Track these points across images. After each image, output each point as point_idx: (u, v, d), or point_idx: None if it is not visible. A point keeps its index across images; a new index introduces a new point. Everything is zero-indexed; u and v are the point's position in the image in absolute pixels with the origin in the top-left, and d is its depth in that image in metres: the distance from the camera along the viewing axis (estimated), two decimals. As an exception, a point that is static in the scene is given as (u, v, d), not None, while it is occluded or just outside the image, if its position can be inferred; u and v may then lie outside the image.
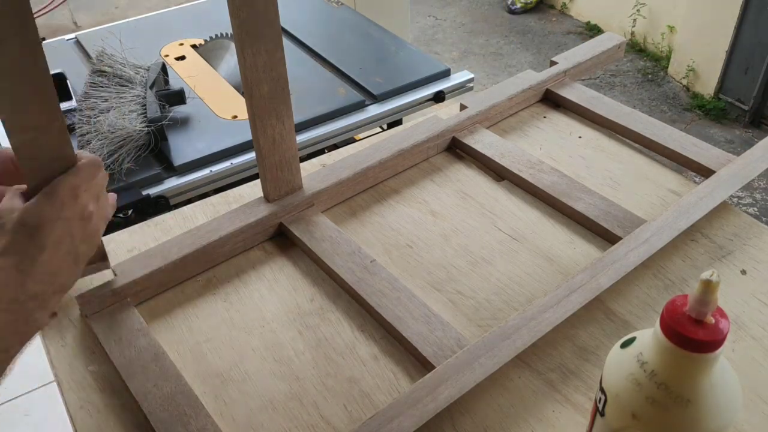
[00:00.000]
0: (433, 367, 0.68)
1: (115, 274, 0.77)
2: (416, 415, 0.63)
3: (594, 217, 0.87)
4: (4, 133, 1.18)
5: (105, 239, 0.84)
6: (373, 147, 0.97)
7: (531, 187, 0.93)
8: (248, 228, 0.84)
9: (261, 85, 0.78)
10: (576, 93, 1.10)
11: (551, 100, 1.12)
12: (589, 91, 1.11)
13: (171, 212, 0.92)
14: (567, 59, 1.15)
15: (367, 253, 0.82)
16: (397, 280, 0.78)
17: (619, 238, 0.82)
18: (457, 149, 1.03)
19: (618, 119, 1.04)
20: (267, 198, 0.88)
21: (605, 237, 0.86)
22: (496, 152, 0.98)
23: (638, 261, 0.79)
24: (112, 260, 0.78)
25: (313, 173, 0.93)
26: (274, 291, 0.81)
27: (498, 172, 0.98)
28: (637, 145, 1.05)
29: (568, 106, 1.10)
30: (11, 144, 0.60)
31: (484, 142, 1.00)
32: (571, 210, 0.89)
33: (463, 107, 1.06)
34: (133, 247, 0.86)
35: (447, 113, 1.07)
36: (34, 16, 0.56)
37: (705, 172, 0.94)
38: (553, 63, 1.16)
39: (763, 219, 2.49)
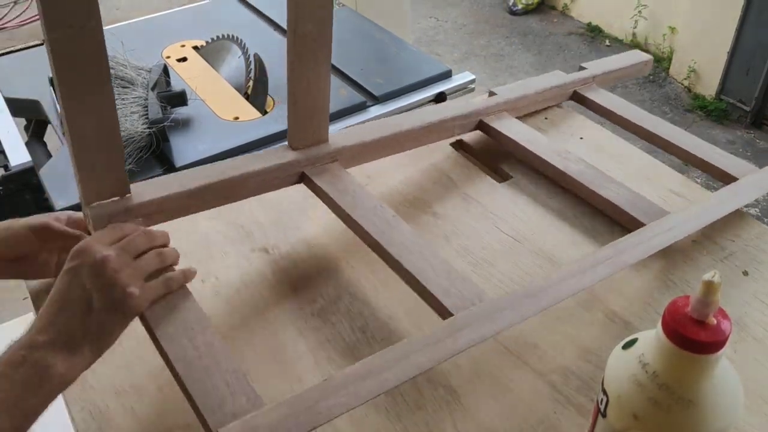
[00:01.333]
0: (452, 315, 0.67)
1: None
2: (434, 355, 0.62)
3: (621, 204, 0.87)
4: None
5: (151, 179, 0.83)
6: (402, 116, 0.98)
7: (559, 173, 0.94)
8: (270, 170, 0.83)
9: (305, 23, 0.77)
10: (603, 98, 1.12)
11: (578, 102, 1.13)
12: (616, 98, 1.12)
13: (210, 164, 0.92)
14: (596, 66, 1.18)
15: (388, 208, 0.81)
16: (419, 236, 0.78)
17: (643, 224, 0.83)
18: (481, 131, 1.03)
19: (642, 123, 1.05)
20: (292, 146, 0.87)
21: (630, 224, 0.86)
22: (524, 138, 0.99)
23: (662, 245, 0.79)
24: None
25: (340, 132, 0.93)
26: (275, 292, 0.81)
27: (524, 159, 0.99)
28: (637, 146, 1.05)
29: (595, 109, 1.11)
30: (47, 41, 0.58)
31: (511, 128, 1.01)
32: (598, 198, 0.90)
33: (491, 94, 1.07)
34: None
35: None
36: (37, 17, 0.55)
37: (728, 180, 0.94)
38: (581, 68, 1.18)
39: (765, 220, 2.48)
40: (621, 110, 1.08)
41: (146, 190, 0.77)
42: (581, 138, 1.06)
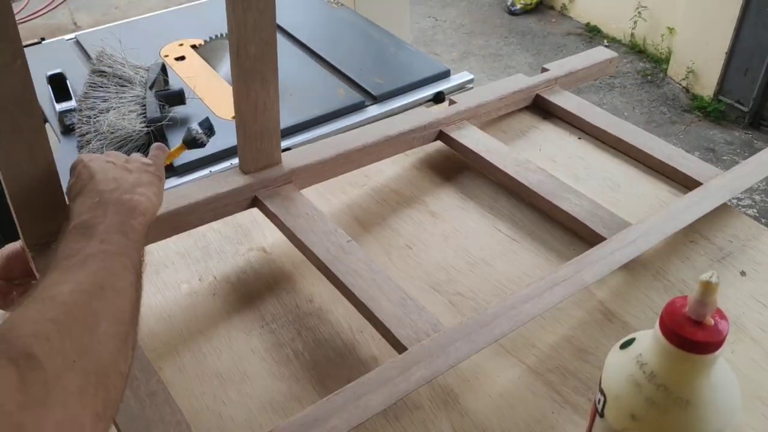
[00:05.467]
0: (405, 349, 0.66)
1: None
2: (385, 394, 0.61)
3: (580, 218, 0.85)
4: None
5: None
6: (359, 131, 0.96)
7: (517, 184, 0.91)
8: (220, 197, 0.81)
9: (248, 45, 0.75)
10: (566, 100, 1.10)
11: (540, 107, 1.11)
12: (579, 99, 1.10)
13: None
14: (559, 67, 1.15)
15: (344, 233, 0.79)
16: (374, 262, 0.75)
17: (604, 239, 0.81)
18: (442, 142, 1.01)
19: (608, 128, 1.03)
20: (243, 169, 0.85)
21: (590, 239, 0.84)
22: (483, 148, 0.97)
23: (624, 260, 0.77)
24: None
25: (294, 151, 0.90)
26: (273, 292, 0.81)
27: (482, 169, 0.97)
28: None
29: (557, 113, 1.09)
30: None
31: (470, 137, 0.99)
32: (557, 210, 0.87)
33: (452, 102, 1.05)
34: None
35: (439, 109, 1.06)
36: (35, 15, 0.55)
37: (692, 185, 0.92)
38: (544, 70, 1.15)
39: (763, 220, 2.49)
40: (584, 114, 1.06)
41: None
42: (579, 138, 1.06)
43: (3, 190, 0.65)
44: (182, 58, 1.57)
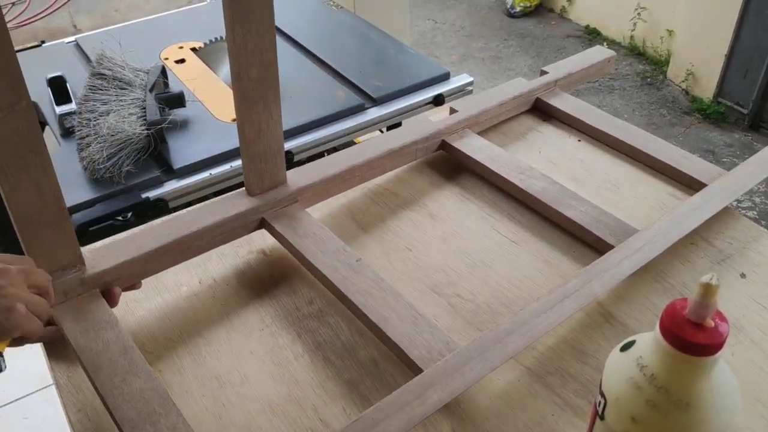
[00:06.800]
0: (420, 371, 0.66)
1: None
2: (404, 419, 0.61)
3: (586, 225, 0.85)
4: None
5: (105, 242, 0.84)
6: (362, 146, 0.96)
7: (521, 192, 0.92)
8: (228, 221, 0.81)
9: (250, 69, 0.75)
10: (566, 102, 1.10)
11: (541, 110, 1.11)
12: (579, 101, 1.10)
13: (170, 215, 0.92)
14: (557, 69, 1.15)
15: (352, 251, 0.80)
16: (383, 280, 0.76)
17: (611, 247, 0.81)
18: (445, 151, 1.01)
19: (608, 130, 1.03)
20: (249, 191, 0.85)
21: (596, 245, 0.84)
22: (486, 156, 0.97)
23: (632, 269, 0.78)
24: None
25: (299, 169, 0.91)
26: (273, 294, 0.81)
27: (487, 177, 0.97)
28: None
29: (558, 115, 1.09)
30: None
31: (473, 146, 0.99)
32: (562, 218, 0.88)
33: (452, 111, 1.05)
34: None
35: (440, 116, 1.06)
36: (35, 18, 0.56)
37: (696, 185, 0.93)
38: (543, 72, 1.15)
39: (763, 222, 2.49)
40: (585, 116, 1.06)
41: (101, 257, 0.74)
42: (579, 140, 1.06)
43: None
44: (182, 60, 1.57)
